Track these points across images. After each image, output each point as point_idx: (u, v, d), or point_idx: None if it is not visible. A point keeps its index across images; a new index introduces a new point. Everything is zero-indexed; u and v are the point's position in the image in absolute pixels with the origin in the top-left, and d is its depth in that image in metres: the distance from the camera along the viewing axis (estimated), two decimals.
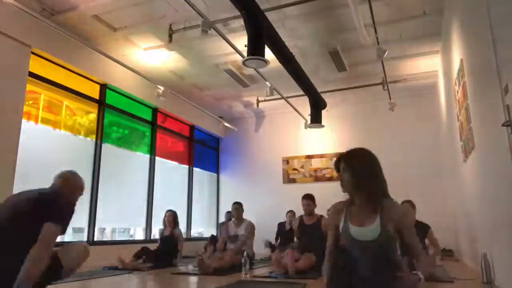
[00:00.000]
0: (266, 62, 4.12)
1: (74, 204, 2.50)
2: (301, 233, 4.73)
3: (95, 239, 5.73)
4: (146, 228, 6.80)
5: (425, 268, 1.88)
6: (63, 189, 2.50)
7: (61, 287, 3.19)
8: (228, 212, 7.91)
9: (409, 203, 4.23)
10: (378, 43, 5.01)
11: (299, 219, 4.85)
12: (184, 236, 7.86)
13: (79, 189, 2.61)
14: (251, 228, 5.27)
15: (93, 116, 6.01)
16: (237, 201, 5.56)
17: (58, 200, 2.40)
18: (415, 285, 1.79)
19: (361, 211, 1.96)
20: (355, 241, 1.92)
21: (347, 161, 1.99)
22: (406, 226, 1.90)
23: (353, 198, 2.01)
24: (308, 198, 4.73)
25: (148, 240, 6.62)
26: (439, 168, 7.12)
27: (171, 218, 5.60)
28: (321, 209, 6.37)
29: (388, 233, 1.86)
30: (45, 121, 5.24)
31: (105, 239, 6.42)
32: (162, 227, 5.71)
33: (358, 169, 1.95)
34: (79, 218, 5.54)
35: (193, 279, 4.06)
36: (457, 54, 4.22)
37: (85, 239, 5.56)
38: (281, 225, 7.12)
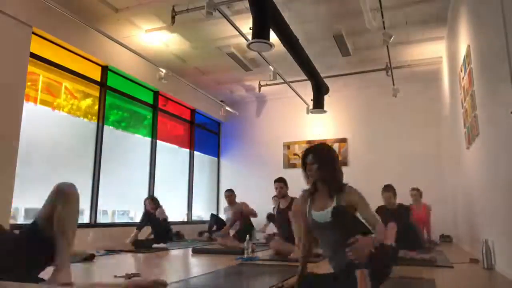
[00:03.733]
0: (271, 45, 4.08)
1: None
2: (280, 220, 4.83)
3: (97, 221, 5.77)
4: None
5: (379, 235, 2.06)
6: None
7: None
8: None
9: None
10: (384, 28, 4.95)
11: (277, 205, 4.98)
12: (185, 219, 8.00)
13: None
14: (236, 208, 5.79)
15: (93, 98, 5.96)
16: (229, 188, 5.91)
17: None
18: (368, 244, 1.92)
19: (322, 197, 2.26)
20: (316, 224, 2.22)
21: (316, 153, 2.29)
22: (358, 203, 2.17)
23: (316, 186, 2.30)
24: (281, 181, 4.89)
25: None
26: (441, 154, 7.14)
27: (151, 203, 5.80)
28: None
29: (344, 213, 2.12)
30: (44, 103, 5.20)
31: (106, 221, 6.45)
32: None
33: (324, 160, 2.26)
34: (81, 200, 5.54)
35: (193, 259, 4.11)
36: (464, 40, 4.18)
37: (87, 221, 5.59)
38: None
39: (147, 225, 5.73)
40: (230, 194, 6.65)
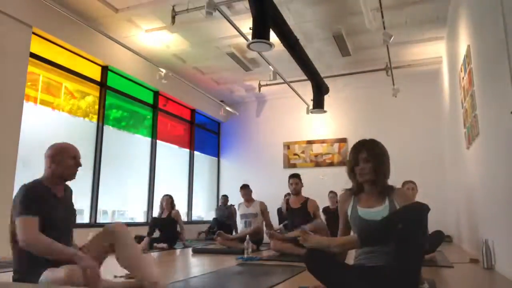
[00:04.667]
0: (271, 45, 4.08)
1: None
2: (289, 217, 4.75)
3: (97, 221, 5.77)
4: (148, 211, 6.84)
5: None
6: None
7: None
8: (224, 196, 7.94)
9: (413, 184, 4.54)
10: (384, 28, 4.95)
11: (286, 203, 4.86)
12: (185, 219, 8.00)
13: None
14: (256, 209, 5.53)
15: (93, 98, 5.96)
16: (244, 183, 5.72)
17: None
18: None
19: (371, 196, 2.09)
20: (362, 221, 2.05)
21: (370, 150, 2.10)
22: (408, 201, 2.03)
23: (362, 185, 2.12)
24: (296, 177, 4.72)
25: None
26: (440, 154, 7.13)
27: (169, 201, 5.58)
28: (321, 195, 6.43)
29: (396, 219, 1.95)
30: (44, 103, 5.20)
31: (106, 221, 6.45)
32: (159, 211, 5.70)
33: (380, 157, 2.09)
34: (81, 200, 5.56)
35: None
36: (464, 40, 4.18)
37: (87, 221, 5.59)
38: (280, 211, 7.17)
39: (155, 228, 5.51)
40: (247, 191, 5.82)
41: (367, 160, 2.08)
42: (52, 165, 2.15)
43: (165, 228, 5.49)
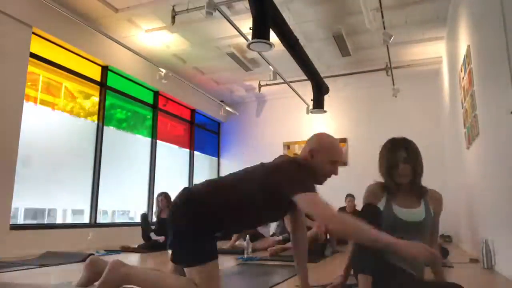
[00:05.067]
0: (271, 45, 4.08)
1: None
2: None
3: (97, 221, 5.77)
4: (148, 211, 6.83)
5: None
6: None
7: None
8: None
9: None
10: (384, 28, 4.95)
11: None
12: None
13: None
14: None
15: (93, 98, 5.97)
16: None
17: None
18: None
19: (408, 196, 2.01)
20: (399, 221, 1.94)
21: (410, 150, 2.02)
22: (438, 213, 2.05)
23: (396, 184, 2.01)
24: None
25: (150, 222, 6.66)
26: (440, 154, 7.13)
27: (165, 201, 5.45)
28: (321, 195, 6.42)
29: (431, 216, 2.00)
30: (44, 103, 5.20)
31: (106, 221, 6.45)
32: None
33: (419, 157, 2.06)
34: (81, 200, 5.57)
35: None
36: (464, 40, 4.18)
37: (87, 221, 5.59)
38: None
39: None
40: None
41: (406, 160, 1.99)
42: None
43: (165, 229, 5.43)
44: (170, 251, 1.93)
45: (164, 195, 5.52)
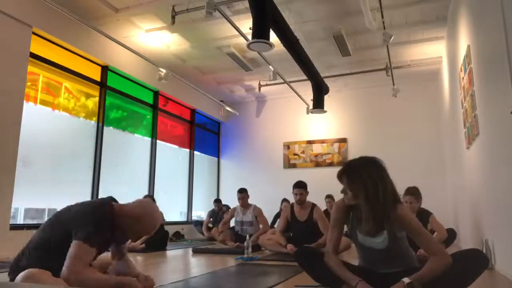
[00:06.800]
0: (271, 45, 4.08)
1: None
2: (294, 230, 4.41)
3: None
4: None
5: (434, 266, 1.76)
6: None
7: None
8: (216, 201, 7.76)
9: (414, 197, 4.03)
10: (384, 28, 4.95)
11: (290, 211, 4.47)
12: (185, 219, 7.99)
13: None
14: (254, 212, 5.37)
15: (93, 98, 5.97)
16: (242, 187, 5.52)
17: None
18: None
19: (369, 221, 1.88)
20: (363, 246, 1.99)
21: (349, 176, 1.90)
22: (412, 230, 1.86)
23: (356, 208, 1.96)
24: (301, 187, 4.33)
25: None
26: (440, 154, 7.13)
27: None
28: (321, 195, 6.42)
29: (398, 241, 1.91)
30: (44, 103, 5.20)
31: None
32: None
33: (362, 184, 1.84)
34: (80, 200, 5.55)
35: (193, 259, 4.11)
36: (464, 40, 4.18)
37: None
38: (277, 217, 7.06)
39: None
40: (244, 195, 5.52)
41: (343, 190, 1.94)
42: None
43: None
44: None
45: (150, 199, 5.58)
